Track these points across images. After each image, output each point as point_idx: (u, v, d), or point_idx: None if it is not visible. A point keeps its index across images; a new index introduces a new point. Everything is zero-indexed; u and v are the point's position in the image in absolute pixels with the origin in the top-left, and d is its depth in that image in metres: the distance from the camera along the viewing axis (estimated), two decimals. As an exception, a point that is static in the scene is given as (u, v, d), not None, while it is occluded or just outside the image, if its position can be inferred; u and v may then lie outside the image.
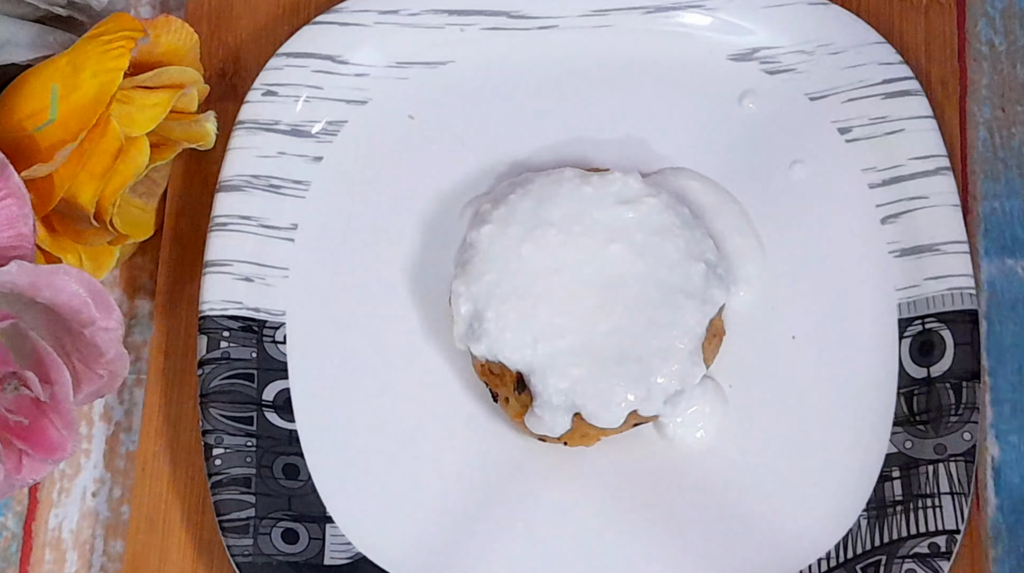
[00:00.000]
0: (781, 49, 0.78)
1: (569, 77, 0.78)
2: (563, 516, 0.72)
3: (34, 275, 0.63)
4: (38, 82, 0.71)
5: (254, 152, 0.76)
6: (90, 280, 0.64)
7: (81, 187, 0.71)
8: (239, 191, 0.76)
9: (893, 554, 0.71)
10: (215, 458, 0.72)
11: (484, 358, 0.72)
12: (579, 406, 0.71)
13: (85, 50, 0.71)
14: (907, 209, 0.75)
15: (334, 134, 0.77)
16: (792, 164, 0.77)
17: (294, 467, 0.73)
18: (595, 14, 0.79)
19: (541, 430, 0.72)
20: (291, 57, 0.77)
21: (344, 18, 0.78)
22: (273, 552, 0.71)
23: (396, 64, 0.78)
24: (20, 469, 0.66)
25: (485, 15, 0.78)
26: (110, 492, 0.75)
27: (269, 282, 0.75)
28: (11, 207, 0.66)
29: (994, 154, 0.78)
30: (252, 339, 0.74)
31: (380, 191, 0.77)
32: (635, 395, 0.71)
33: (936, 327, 0.73)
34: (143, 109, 0.72)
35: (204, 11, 0.80)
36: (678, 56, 0.78)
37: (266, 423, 0.73)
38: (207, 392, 0.73)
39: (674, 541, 0.72)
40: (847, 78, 0.77)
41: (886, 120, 0.77)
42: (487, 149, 0.77)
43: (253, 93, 0.77)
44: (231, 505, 0.71)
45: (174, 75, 0.73)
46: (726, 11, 0.78)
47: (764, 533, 0.72)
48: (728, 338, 0.74)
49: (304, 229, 0.76)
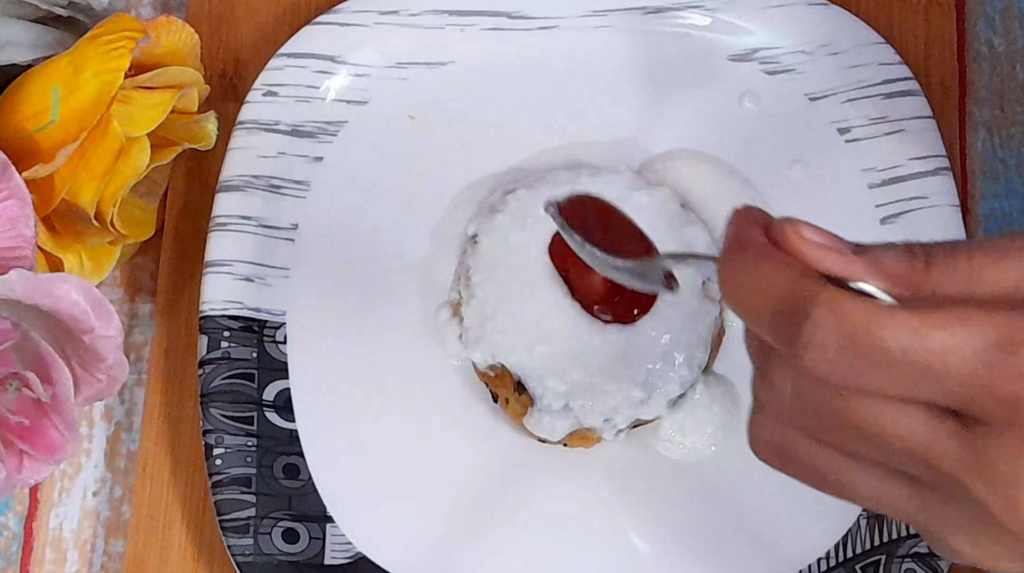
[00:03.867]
0: (781, 50, 0.78)
1: (569, 77, 0.78)
2: (563, 517, 0.72)
3: (34, 284, 0.63)
4: (39, 83, 0.71)
5: (254, 152, 0.76)
6: (89, 288, 0.64)
7: (82, 187, 0.71)
8: (239, 191, 0.76)
9: (892, 553, 0.71)
10: (215, 458, 0.72)
11: (485, 363, 0.72)
12: (577, 411, 0.71)
13: (86, 51, 0.71)
14: (906, 209, 0.75)
15: (334, 134, 0.77)
16: (792, 164, 0.77)
17: (294, 467, 0.73)
18: (595, 14, 0.79)
19: (541, 432, 0.72)
20: (291, 57, 0.77)
21: (344, 18, 0.78)
22: (273, 552, 0.71)
23: (396, 64, 0.78)
24: (21, 469, 0.66)
25: (485, 15, 0.78)
26: (111, 492, 0.75)
27: (269, 282, 0.75)
28: (12, 207, 0.66)
29: (993, 154, 0.78)
30: (253, 339, 0.74)
31: (380, 191, 0.77)
32: (634, 399, 0.71)
33: (935, 327, 0.73)
34: (144, 109, 0.72)
35: (205, 12, 0.80)
36: (678, 57, 0.78)
37: (266, 423, 0.73)
38: (208, 392, 0.73)
39: (674, 541, 0.72)
40: (847, 78, 0.77)
41: (886, 120, 0.77)
42: (487, 149, 0.77)
43: (253, 93, 0.77)
44: (231, 505, 0.71)
45: (175, 75, 0.73)
46: (726, 12, 0.78)
47: (764, 533, 0.72)
48: (728, 338, 0.74)
49: (304, 229, 0.76)
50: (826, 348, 0.48)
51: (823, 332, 0.48)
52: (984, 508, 0.49)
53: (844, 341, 0.48)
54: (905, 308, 0.48)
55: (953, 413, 0.49)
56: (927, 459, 0.49)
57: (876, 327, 0.47)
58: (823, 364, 0.48)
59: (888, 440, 0.49)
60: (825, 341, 0.48)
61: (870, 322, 0.48)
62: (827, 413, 0.50)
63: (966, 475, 0.49)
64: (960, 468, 0.49)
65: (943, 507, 0.50)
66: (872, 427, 0.49)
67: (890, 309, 0.48)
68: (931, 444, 0.49)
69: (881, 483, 0.51)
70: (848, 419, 0.49)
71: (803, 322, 0.48)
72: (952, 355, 0.47)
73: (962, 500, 0.49)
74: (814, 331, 0.48)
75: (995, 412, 0.48)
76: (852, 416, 0.49)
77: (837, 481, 0.51)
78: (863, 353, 0.47)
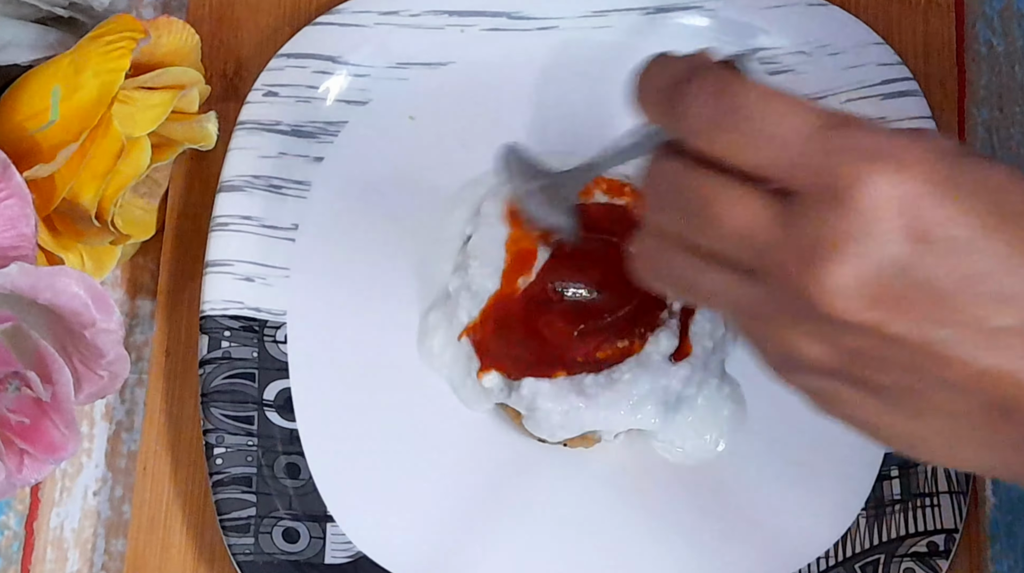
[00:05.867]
0: (781, 50, 0.78)
1: (569, 78, 0.78)
2: (563, 516, 0.72)
3: (35, 277, 0.63)
4: (40, 83, 0.71)
5: (255, 152, 0.76)
6: (90, 282, 0.64)
7: (83, 187, 0.71)
8: (240, 191, 0.76)
9: (892, 553, 0.71)
10: (216, 457, 0.72)
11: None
12: (578, 417, 0.71)
13: (87, 51, 0.71)
14: (906, 209, 0.76)
15: (335, 134, 0.77)
16: (791, 164, 0.77)
17: (295, 466, 0.73)
18: (595, 15, 0.79)
19: (540, 433, 0.72)
20: (292, 58, 0.77)
21: (344, 19, 0.78)
22: (274, 551, 0.71)
23: (396, 65, 0.78)
24: (22, 469, 0.67)
25: (485, 16, 0.79)
26: (112, 491, 0.75)
27: (270, 282, 0.75)
28: (13, 207, 0.66)
29: (993, 155, 0.78)
30: (253, 339, 0.74)
31: (380, 191, 0.77)
32: (633, 404, 0.71)
33: (935, 327, 0.73)
34: (144, 110, 0.72)
35: (205, 12, 0.80)
36: (678, 57, 0.78)
37: (267, 422, 0.73)
38: (208, 391, 0.73)
39: (674, 540, 0.72)
40: (846, 79, 0.77)
41: (885, 121, 0.77)
42: (487, 149, 0.77)
43: (254, 94, 0.77)
44: (232, 504, 0.71)
45: (175, 76, 0.74)
46: (726, 12, 0.78)
47: (764, 532, 0.72)
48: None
49: (305, 229, 0.76)
50: (699, 103, 0.53)
51: (697, 93, 0.54)
52: (793, 284, 0.52)
53: (711, 98, 0.53)
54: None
55: (783, 198, 0.53)
56: (754, 241, 0.53)
57: (738, 86, 0.53)
58: (694, 121, 0.54)
59: (727, 223, 0.53)
60: (698, 100, 0.53)
61: (733, 82, 0.53)
62: (687, 198, 0.54)
63: (779, 251, 0.52)
64: (776, 246, 0.53)
65: (769, 297, 0.54)
66: (716, 206, 0.54)
67: (753, 82, 0.54)
68: (759, 224, 0.53)
69: (721, 277, 0.55)
70: (701, 198, 0.54)
71: (684, 90, 0.54)
72: (787, 126, 0.52)
73: (782, 286, 0.53)
74: (692, 96, 0.54)
75: (812, 186, 0.52)
76: (704, 194, 0.54)
77: (689, 283, 0.56)
78: (723, 109, 0.53)
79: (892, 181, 0.51)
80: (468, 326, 0.73)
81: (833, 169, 0.52)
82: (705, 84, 0.54)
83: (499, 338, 0.72)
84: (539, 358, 0.72)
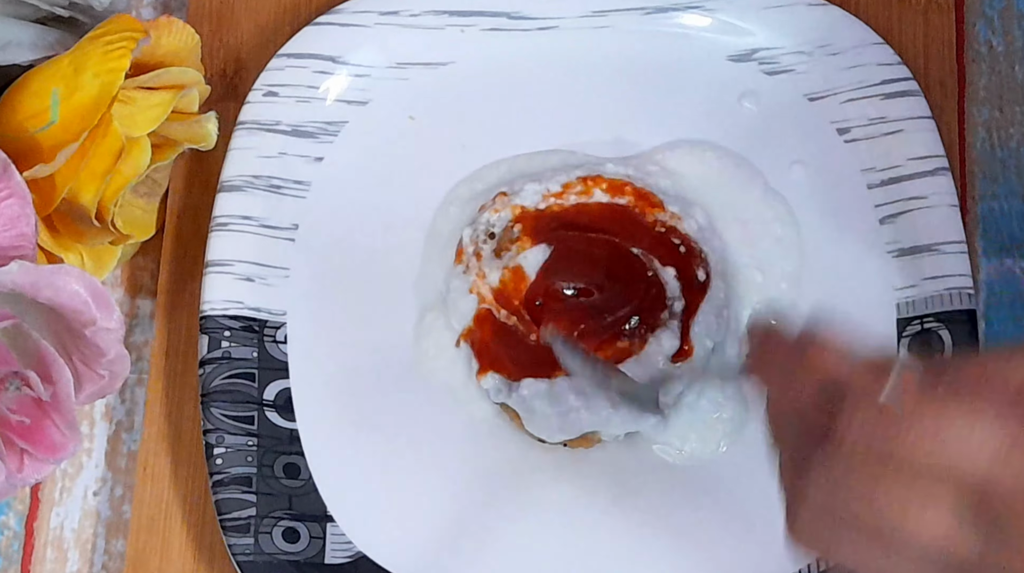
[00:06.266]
0: (780, 50, 0.78)
1: (569, 78, 0.78)
2: (563, 516, 0.72)
3: (35, 275, 0.63)
4: (39, 83, 0.71)
5: (255, 152, 0.76)
6: (91, 280, 0.64)
7: (82, 187, 0.71)
8: (240, 191, 0.76)
9: (892, 553, 0.71)
10: (216, 457, 0.72)
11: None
12: (576, 419, 0.71)
13: (86, 51, 0.71)
14: (906, 209, 0.76)
15: (335, 134, 0.77)
16: (791, 164, 0.77)
17: (295, 466, 0.73)
18: (595, 15, 0.79)
19: (540, 434, 0.72)
20: (292, 58, 0.78)
21: (345, 19, 0.78)
22: (274, 551, 0.71)
23: (396, 65, 0.78)
24: (22, 468, 0.67)
25: (485, 16, 0.79)
26: (112, 491, 0.75)
27: (270, 282, 0.75)
28: (13, 207, 0.66)
29: (992, 154, 0.79)
30: (253, 339, 0.74)
31: (380, 191, 0.77)
32: (632, 408, 0.71)
33: (935, 327, 0.73)
34: (144, 110, 0.72)
35: (205, 12, 0.80)
36: (677, 57, 0.78)
37: (267, 422, 0.73)
38: (208, 391, 0.73)
39: (674, 541, 0.72)
40: (846, 79, 0.77)
41: (885, 121, 0.77)
42: (487, 149, 0.78)
43: (254, 94, 0.77)
44: (232, 504, 0.71)
45: (175, 76, 0.74)
46: (725, 12, 0.78)
47: (764, 532, 0.72)
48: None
49: (305, 229, 0.76)
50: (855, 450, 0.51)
51: (860, 425, 0.52)
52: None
53: (868, 450, 0.51)
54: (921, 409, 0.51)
55: (975, 505, 0.51)
56: (950, 553, 0.51)
57: (894, 435, 0.51)
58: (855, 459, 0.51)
59: (914, 533, 0.51)
60: (854, 445, 0.52)
61: (889, 433, 0.51)
62: (860, 503, 0.52)
63: (988, 569, 0.50)
64: (981, 562, 0.51)
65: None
66: (898, 519, 0.51)
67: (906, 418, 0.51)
68: (953, 538, 0.51)
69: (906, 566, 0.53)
70: (879, 511, 0.52)
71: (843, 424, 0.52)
72: (967, 457, 0.50)
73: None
74: (855, 428, 0.52)
75: (1012, 506, 0.50)
76: (882, 509, 0.52)
77: (865, 563, 0.53)
78: (886, 459, 0.51)
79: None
80: (465, 330, 0.73)
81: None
82: (854, 427, 0.52)
83: (498, 339, 0.72)
84: (538, 359, 0.72)
